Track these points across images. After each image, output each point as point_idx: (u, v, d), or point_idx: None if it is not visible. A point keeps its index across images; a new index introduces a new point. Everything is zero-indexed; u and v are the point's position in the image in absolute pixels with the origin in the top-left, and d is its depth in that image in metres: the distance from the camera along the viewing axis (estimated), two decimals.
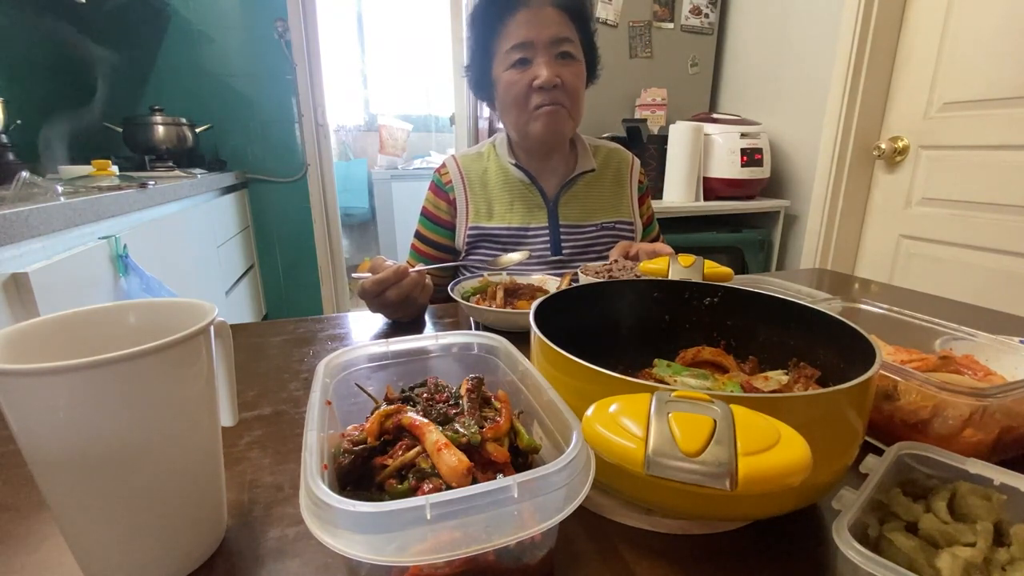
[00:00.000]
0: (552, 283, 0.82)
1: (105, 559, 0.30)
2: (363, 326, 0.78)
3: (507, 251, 0.98)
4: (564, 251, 0.98)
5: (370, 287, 0.72)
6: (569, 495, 0.26)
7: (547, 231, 0.98)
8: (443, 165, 1.03)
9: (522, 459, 0.35)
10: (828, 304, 0.56)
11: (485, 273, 0.86)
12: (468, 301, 0.76)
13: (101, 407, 0.27)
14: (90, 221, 1.07)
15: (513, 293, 0.78)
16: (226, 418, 0.38)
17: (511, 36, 0.88)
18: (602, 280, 0.72)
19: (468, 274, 1.00)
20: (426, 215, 1.02)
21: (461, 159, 1.03)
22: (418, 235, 1.03)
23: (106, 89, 2.19)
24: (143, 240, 1.29)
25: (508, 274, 0.86)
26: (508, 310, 0.72)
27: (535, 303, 0.45)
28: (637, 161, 1.11)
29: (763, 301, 0.50)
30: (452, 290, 0.78)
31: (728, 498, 0.30)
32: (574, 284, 0.66)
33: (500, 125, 1.03)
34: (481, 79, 0.96)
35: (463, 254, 1.00)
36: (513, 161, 1.00)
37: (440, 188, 1.01)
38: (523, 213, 0.99)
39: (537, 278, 0.85)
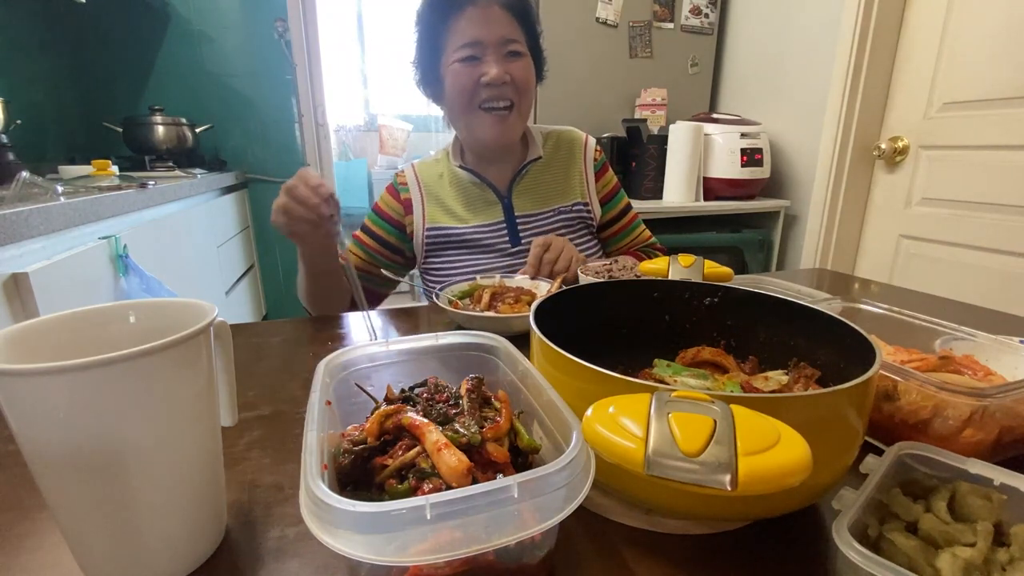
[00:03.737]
0: (544, 286, 0.82)
1: (105, 559, 0.30)
2: (363, 326, 0.78)
3: (468, 252, 0.99)
4: (523, 241, 0.99)
5: (290, 182, 0.77)
6: (569, 495, 0.26)
7: (504, 225, 0.99)
8: (402, 171, 1.06)
9: (522, 459, 0.35)
10: (828, 304, 0.56)
11: (477, 277, 0.87)
12: (461, 304, 0.78)
13: (101, 407, 0.27)
14: (90, 221, 1.07)
15: (499, 297, 0.79)
16: (226, 418, 0.38)
17: (460, 34, 0.88)
18: (602, 280, 0.72)
19: (428, 276, 1.01)
20: (376, 211, 1.04)
21: (418, 166, 1.05)
22: (364, 227, 1.04)
23: (106, 89, 2.19)
24: (143, 240, 1.29)
25: (502, 277, 0.86)
26: (490, 314, 0.73)
27: (535, 303, 0.45)
28: (591, 140, 1.10)
29: (763, 301, 0.50)
30: (438, 294, 0.79)
31: (728, 498, 0.30)
32: (564, 287, 0.67)
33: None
34: (428, 75, 0.96)
35: (420, 258, 1.02)
36: (459, 163, 1.01)
37: (395, 188, 1.03)
38: (478, 212, 1.00)
39: (525, 281, 0.85)
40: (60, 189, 1.11)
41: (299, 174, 0.76)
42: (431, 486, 0.29)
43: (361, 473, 0.33)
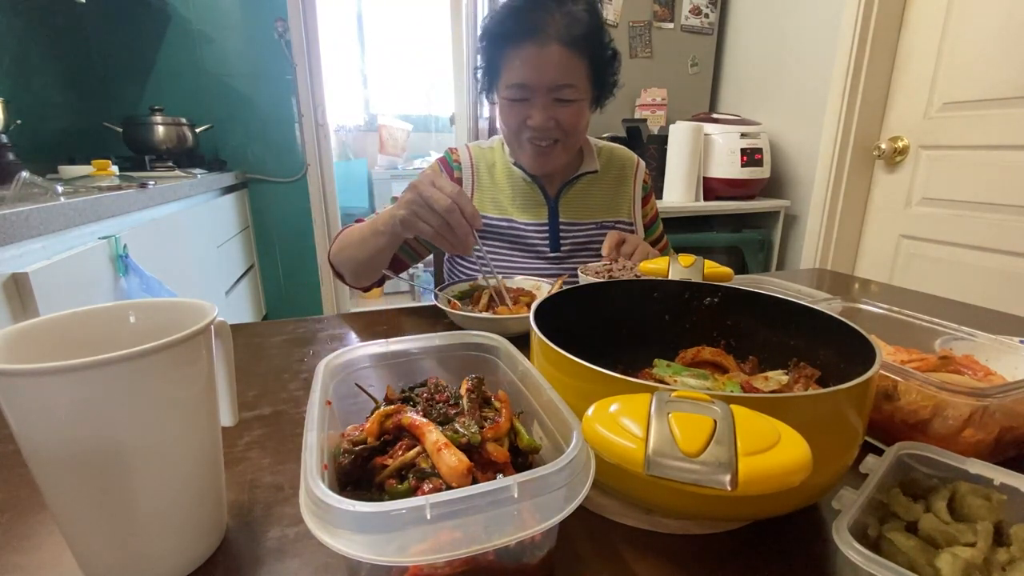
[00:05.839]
0: (544, 287, 0.82)
1: (105, 559, 0.30)
2: (363, 326, 0.78)
3: (507, 246, 0.99)
4: (563, 247, 0.99)
5: (452, 188, 0.69)
6: (569, 495, 0.26)
7: (547, 228, 0.99)
8: (455, 149, 1.04)
9: (522, 459, 0.35)
10: (828, 304, 0.56)
11: (480, 276, 0.87)
12: (460, 304, 0.77)
13: (101, 407, 0.27)
14: (90, 221, 1.07)
15: (498, 298, 0.79)
16: (226, 418, 0.38)
17: (512, 71, 0.87)
18: (602, 280, 0.72)
19: (460, 261, 1.00)
20: None
21: (473, 148, 1.05)
22: None
23: (106, 89, 2.19)
24: (143, 240, 1.29)
25: (504, 277, 0.86)
26: (487, 315, 0.73)
27: (535, 303, 0.45)
28: (642, 163, 1.10)
29: (763, 301, 0.50)
30: (437, 295, 0.79)
31: (728, 498, 0.30)
32: (567, 286, 0.67)
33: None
34: (488, 89, 0.97)
35: None
36: (514, 161, 1.01)
37: (448, 164, 1.02)
38: (525, 209, 1.00)
39: (525, 282, 0.85)
40: (60, 189, 1.11)
41: (459, 195, 0.69)
42: (431, 486, 0.29)
43: (361, 473, 0.33)
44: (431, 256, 1.08)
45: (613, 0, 2.06)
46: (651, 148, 2.02)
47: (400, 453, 0.32)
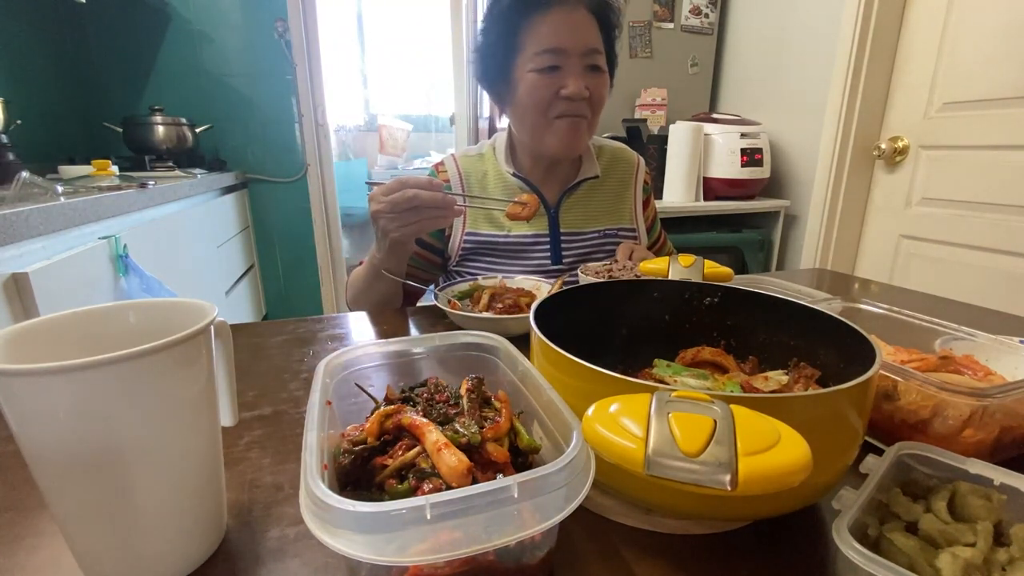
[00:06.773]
0: (544, 287, 0.82)
1: (105, 559, 0.30)
2: (363, 326, 0.78)
3: (506, 260, 0.94)
4: (565, 260, 0.95)
5: (394, 183, 0.72)
6: (569, 495, 0.26)
7: (548, 240, 0.95)
8: (442, 163, 0.99)
9: (522, 459, 0.35)
10: (828, 304, 0.56)
11: (479, 277, 0.86)
12: (460, 304, 0.78)
13: (101, 407, 0.27)
14: (90, 221, 1.07)
15: (498, 298, 0.79)
16: (226, 418, 0.38)
17: (543, 38, 0.83)
18: (602, 280, 0.72)
19: (458, 278, 0.96)
20: None
21: (461, 160, 0.99)
22: None
23: (106, 89, 2.19)
24: (143, 240, 1.29)
25: (503, 277, 0.86)
26: (487, 315, 0.73)
27: (535, 303, 0.45)
28: (643, 162, 1.07)
29: (763, 301, 0.50)
30: (437, 295, 0.78)
31: (728, 498, 0.30)
32: (567, 286, 0.67)
33: (501, 125, 1.01)
34: (496, 73, 0.90)
35: (453, 261, 0.96)
36: (511, 171, 0.96)
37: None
38: (523, 221, 0.94)
39: (525, 282, 0.84)
40: (60, 189, 1.11)
41: (402, 183, 0.73)
42: (431, 486, 0.29)
43: (361, 473, 0.33)
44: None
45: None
46: (651, 148, 2.02)
47: (400, 453, 0.32)
